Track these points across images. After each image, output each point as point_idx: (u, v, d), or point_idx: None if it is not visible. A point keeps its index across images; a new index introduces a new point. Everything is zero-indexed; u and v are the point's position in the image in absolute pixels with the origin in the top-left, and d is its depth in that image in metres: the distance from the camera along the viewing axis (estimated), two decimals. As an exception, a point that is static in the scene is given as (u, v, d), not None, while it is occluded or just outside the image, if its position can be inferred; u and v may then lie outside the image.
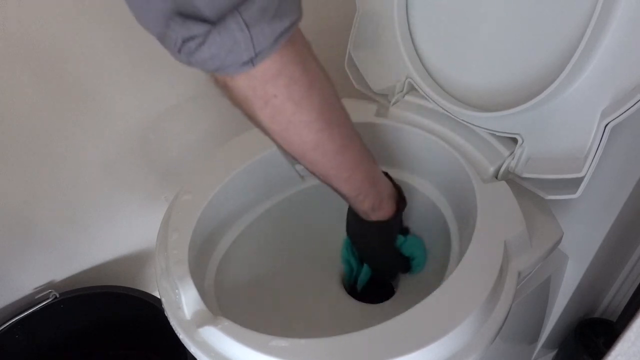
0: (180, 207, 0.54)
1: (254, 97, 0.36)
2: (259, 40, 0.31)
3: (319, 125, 0.39)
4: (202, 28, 0.30)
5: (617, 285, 0.77)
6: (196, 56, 0.31)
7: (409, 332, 0.40)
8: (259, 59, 0.32)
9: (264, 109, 0.36)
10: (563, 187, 0.52)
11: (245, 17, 0.30)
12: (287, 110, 0.37)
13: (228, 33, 0.30)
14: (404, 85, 0.65)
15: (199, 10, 0.30)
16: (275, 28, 0.32)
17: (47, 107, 0.67)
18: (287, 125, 0.38)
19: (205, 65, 0.32)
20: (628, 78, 0.44)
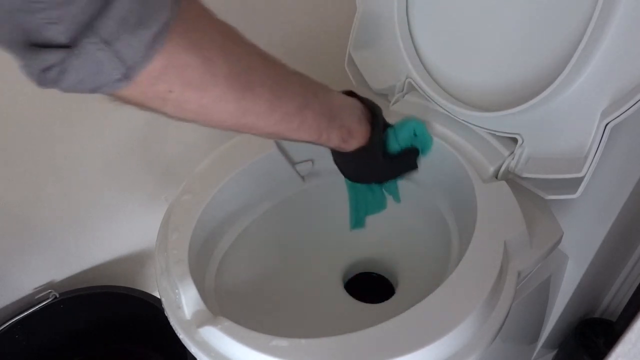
0: (180, 207, 0.54)
1: (148, 100, 0.33)
2: (127, 54, 0.28)
3: (235, 94, 0.36)
4: (57, 56, 0.27)
5: (617, 285, 0.77)
6: (62, 84, 0.29)
7: (409, 332, 0.40)
8: (133, 71, 0.29)
9: (165, 106, 0.34)
10: (563, 187, 0.52)
11: (102, 33, 0.27)
12: (191, 97, 0.34)
13: (87, 56, 0.27)
14: (404, 85, 0.65)
15: (52, 38, 0.27)
16: (143, 36, 0.28)
17: (47, 107, 0.67)
18: (200, 109, 0.35)
19: (78, 90, 0.30)
20: (628, 78, 0.44)
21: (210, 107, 0.35)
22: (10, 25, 0.27)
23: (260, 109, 0.38)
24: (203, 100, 0.34)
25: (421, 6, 0.60)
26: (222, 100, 0.35)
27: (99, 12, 0.26)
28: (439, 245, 0.59)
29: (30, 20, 0.26)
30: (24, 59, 0.29)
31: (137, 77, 0.30)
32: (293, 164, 0.63)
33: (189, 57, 0.32)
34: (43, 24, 0.26)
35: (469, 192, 0.53)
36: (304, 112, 0.43)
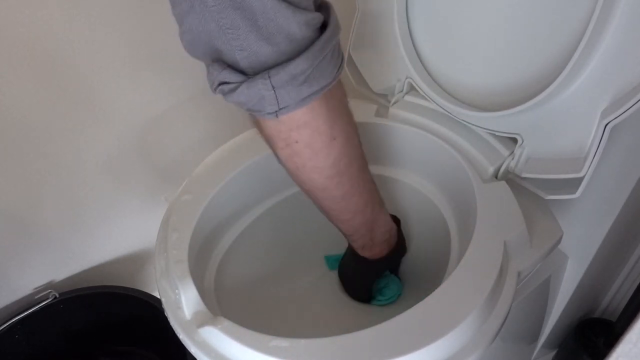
0: (180, 207, 0.54)
1: (277, 137, 0.39)
2: (284, 99, 0.35)
3: (330, 172, 0.42)
4: (235, 78, 0.34)
5: (617, 285, 0.77)
6: (228, 98, 0.36)
7: (409, 332, 0.40)
8: (282, 112, 0.36)
9: (285, 149, 0.40)
10: (563, 187, 0.52)
11: (273, 80, 0.33)
12: (305, 155, 0.40)
13: (255, 89, 0.34)
14: (403, 85, 0.65)
15: (238, 62, 0.34)
16: (302, 91, 0.35)
17: (47, 107, 0.67)
18: (302, 167, 0.42)
19: (238, 105, 0.36)
20: (628, 78, 0.44)
21: (308, 170, 0.42)
22: (208, 46, 0.34)
23: (336, 194, 0.45)
24: (310, 162, 0.41)
25: (421, 6, 0.60)
26: (318, 172, 0.42)
27: (280, 63, 0.33)
28: (439, 245, 0.59)
29: (224, 44, 0.33)
30: (209, 70, 0.36)
31: (282, 117, 0.36)
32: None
33: (323, 126, 0.39)
34: (234, 49, 0.33)
35: (469, 192, 0.53)
36: (359, 213, 0.49)
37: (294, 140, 0.39)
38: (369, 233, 0.53)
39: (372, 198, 0.50)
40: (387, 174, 0.66)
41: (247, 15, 0.31)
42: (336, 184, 0.44)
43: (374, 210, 0.51)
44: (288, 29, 0.32)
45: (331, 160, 0.41)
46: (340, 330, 0.41)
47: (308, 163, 0.41)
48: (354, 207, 0.48)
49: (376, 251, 0.56)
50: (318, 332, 0.41)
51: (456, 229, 0.57)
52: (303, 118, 0.37)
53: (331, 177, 0.43)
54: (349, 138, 0.42)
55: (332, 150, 0.41)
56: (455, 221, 0.58)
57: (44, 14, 0.60)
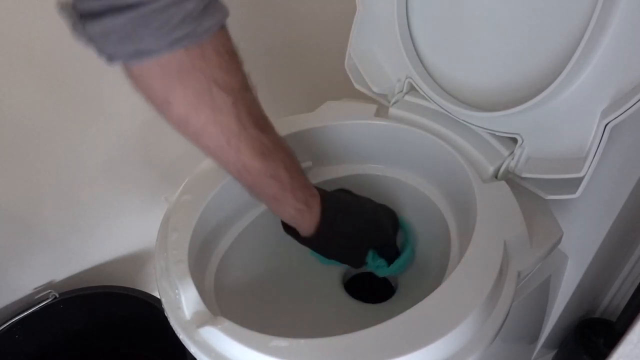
0: (180, 207, 0.54)
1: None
2: (106, 50, 0.36)
3: (181, 134, 0.43)
4: (72, 16, 0.35)
5: (617, 285, 0.77)
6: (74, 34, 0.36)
7: (409, 332, 0.40)
8: (114, 61, 0.37)
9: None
10: (563, 187, 0.52)
11: (88, 29, 0.34)
12: (149, 101, 0.42)
13: (78, 32, 0.36)
14: (403, 85, 0.65)
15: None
16: (122, 48, 0.35)
17: (47, 107, 0.67)
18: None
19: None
20: (628, 78, 0.44)
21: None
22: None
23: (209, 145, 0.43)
24: (157, 111, 0.40)
25: (421, 6, 0.60)
26: (171, 124, 0.42)
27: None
28: (439, 245, 0.59)
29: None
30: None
31: (116, 63, 0.36)
32: (293, 164, 0.63)
33: (156, 86, 0.39)
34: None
35: (468, 192, 0.53)
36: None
37: (134, 85, 0.40)
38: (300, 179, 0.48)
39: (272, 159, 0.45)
40: (387, 174, 0.66)
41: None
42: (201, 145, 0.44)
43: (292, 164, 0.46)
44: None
45: (174, 122, 0.43)
46: (340, 330, 0.41)
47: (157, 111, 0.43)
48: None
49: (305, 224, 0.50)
50: (318, 332, 0.41)
51: (456, 229, 0.57)
52: (134, 70, 0.38)
53: (187, 138, 0.44)
54: (195, 111, 0.41)
55: (172, 113, 0.42)
56: (455, 221, 0.58)
57: (44, 13, 0.60)
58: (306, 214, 0.49)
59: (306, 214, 0.49)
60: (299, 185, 0.48)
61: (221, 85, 0.38)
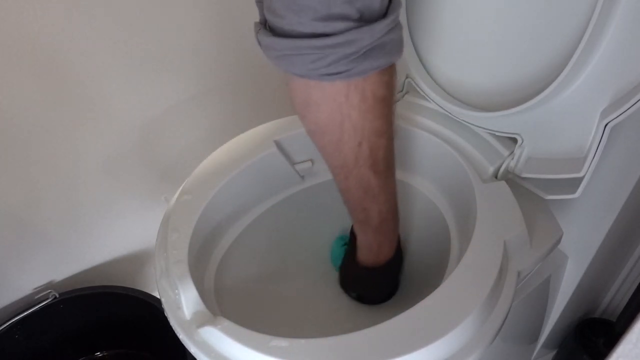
0: (180, 207, 0.54)
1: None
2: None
3: (355, 155, 0.43)
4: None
5: (617, 285, 0.77)
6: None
7: (409, 332, 0.40)
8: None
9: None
10: (563, 187, 0.52)
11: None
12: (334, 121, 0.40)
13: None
14: (403, 85, 0.65)
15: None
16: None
17: (47, 107, 0.67)
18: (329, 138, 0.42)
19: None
20: (628, 78, 0.44)
21: (336, 146, 0.42)
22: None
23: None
24: (338, 132, 0.41)
25: (421, 6, 0.60)
26: (347, 147, 0.42)
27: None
28: (439, 245, 0.59)
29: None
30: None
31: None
32: (293, 163, 0.63)
33: (358, 100, 0.38)
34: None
35: (468, 192, 0.53)
36: (395, 196, 0.50)
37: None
38: (394, 222, 0.53)
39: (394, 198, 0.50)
40: (387, 174, 0.66)
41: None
42: (359, 174, 0.44)
43: (391, 213, 0.51)
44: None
45: (357, 140, 0.41)
46: (340, 330, 0.41)
47: (337, 132, 0.41)
48: (393, 187, 0.49)
49: (392, 248, 0.55)
50: (318, 332, 0.41)
51: (456, 229, 0.57)
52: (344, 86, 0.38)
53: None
54: (380, 122, 0.42)
55: (365, 127, 0.41)
56: (455, 221, 0.58)
57: (44, 14, 0.60)
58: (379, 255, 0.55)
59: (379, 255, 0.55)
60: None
61: (353, 123, 0.40)
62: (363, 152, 0.42)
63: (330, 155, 0.44)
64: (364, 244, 0.55)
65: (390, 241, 0.54)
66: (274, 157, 0.61)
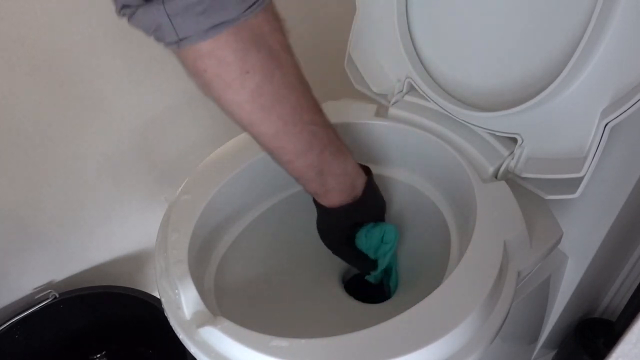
0: (180, 207, 0.54)
1: (185, 65, 0.39)
2: (183, 30, 0.35)
3: (250, 108, 0.41)
4: (134, 1, 0.34)
5: (617, 285, 0.77)
6: (130, 22, 0.36)
7: (409, 332, 0.40)
8: (184, 43, 0.36)
9: (195, 77, 0.40)
10: (563, 187, 0.52)
11: (167, 7, 0.33)
12: (216, 86, 0.40)
13: (150, 15, 0.34)
14: (403, 85, 0.65)
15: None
16: (201, 22, 0.34)
17: (47, 107, 0.67)
18: (219, 99, 0.41)
19: (143, 31, 0.36)
20: (628, 78, 0.44)
21: (227, 102, 0.41)
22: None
23: (264, 131, 0.44)
24: (224, 93, 0.40)
25: (421, 6, 0.60)
26: (237, 106, 0.41)
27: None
28: (438, 245, 0.59)
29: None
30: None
31: (185, 47, 0.36)
32: (293, 164, 0.63)
33: (232, 57, 0.38)
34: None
35: (468, 192, 0.53)
36: (302, 156, 0.47)
37: (201, 69, 0.38)
38: (319, 178, 0.50)
39: (318, 141, 0.47)
40: (387, 174, 0.66)
41: None
42: (262, 121, 0.43)
43: (323, 154, 0.48)
44: None
45: (247, 94, 0.40)
46: (340, 330, 0.41)
47: (223, 95, 0.41)
48: (292, 148, 0.46)
49: (332, 199, 0.52)
50: (318, 332, 0.41)
51: (456, 229, 0.57)
52: (205, 48, 0.36)
53: (253, 112, 0.42)
54: (271, 74, 0.40)
55: (247, 83, 0.39)
56: (455, 221, 0.58)
57: (44, 14, 0.60)
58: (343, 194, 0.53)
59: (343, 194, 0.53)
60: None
61: (283, 46, 0.41)
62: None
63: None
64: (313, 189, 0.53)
65: (313, 192, 0.52)
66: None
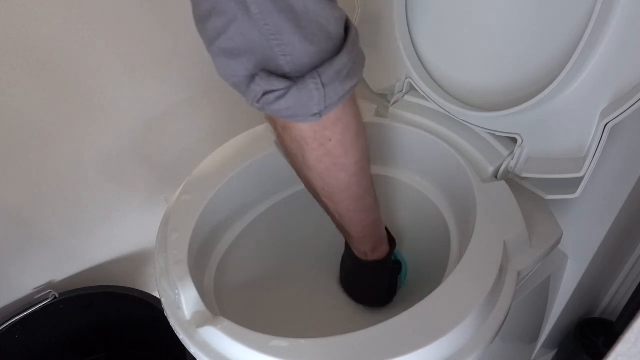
0: (180, 207, 0.54)
1: (312, 139, 0.39)
2: (331, 96, 0.35)
3: (355, 169, 0.43)
4: (283, 84, 0.33)
5: (617, 285, 0.77)
6: (273, 106, 0.35)
7: (409, 332, 0.40)
8: (326, 111, 0.36)
9: (317, 150, 0.40)
10: (563, 187, 0.52)
11: (323, 78, 0.34)
12: (336, 152, 0.40)
13: (306, 91, 0.34)
14: (403, 85, 0.65)
15: (281, 68, 0.33)
16: (346, 86, 0.36)
17: (47, 107, 0.67)
18: (331, 166, 0.42)
19: (278, 113, 0.36)
20: (628, 78, 0.44)
21: (337, 167, 0.42)
22: (250, 56, 0.33)
23: (357, 191, 0.45)
24: (340, 159, 0.41)
25: (421, 6, 0.60)
26: (346, 169, 0.42)
27: (324, 61, 0.34)
28: (438, 245, 0.59)
29: (268, 51, 0.32)
30: (254, 81, 0.34)
31: (325, 115, 0.36)
32: (293, 164, 0.63)
33: (352, 121, 0.40)
34: (278, 55, 0.33)
35: (468, 192, 0.53)
36: (373, 211, 0.50)
37: (327, 139, 0.39)
38: (378, 231, 0.53)
39: (375, 194, 0.50)
40: (387, 174, 0.66)
41: (290, 17, 0.31)
42: (358, 181, 0.44)
43: (378, 206, 0.51)
44: (327, 27, 0.33)
45: (358, 155, 0.42)
46: (340, 330, 0.41)
47: (338, 161, 0.41)
48: (370, 204, 0.48)
49: (383, 249, 0.55)
50: (318, 332, 0.41)
51: (456, 229, 0.57)
52: (337, 114, 0.38)
53: (356, 173, 0.43)
54: (365, 132, 0.43)
55: (359, 145, 0.42)
56: (455, 221, 0.58)
57: (44, 14, 0.60)
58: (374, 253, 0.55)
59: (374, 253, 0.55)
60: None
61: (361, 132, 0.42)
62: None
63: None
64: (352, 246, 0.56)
65: (371, 248, 0.55)
66: (274, 156, 0.61)
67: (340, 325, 0.57)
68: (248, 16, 0.31)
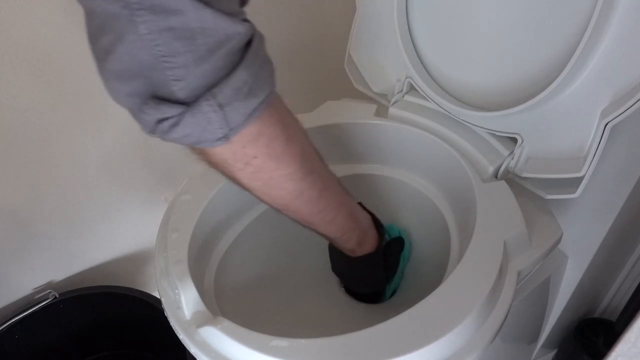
0: (180, 207, 0.54)
1: (233, 160, 0.36)
2: (233, 117, 0.32)
3: (299, 174, 0.40)
4: (175, 110, 0.30)
5: (617, 285, 0.77)
6: (170, 135, 0.32)
7: (409, 332, 0.40)
8: (233, 132, 0.32)
9: (244, 169, 0.37)
10: (563, 186, 0.52)
11: (219, 98, 0.30)
12: (268, 167, 0.37)
13: (201, 115, 0.30)
14: (403, 85, 0.65)
15: (173, 93, 0.30)
16: (250, 104, 0.32)
17: (47, 107, 0.67)
18: (269, 180, 0.39)
19: (179, 141, 0.33)
20: (628, 78, 0.44)
21: (277, 180, 0.39)
22: (140, 79, 0.30)
23: (312, 194, 0.42)
24: (276, 172, 0.38)
25: (421, 6, 0.60)
26: (288, 178, 0.39)
27: (220, 79, 0.30)
28: (439, 245, 0.59)
29: (159, 75, 0.29)
30: (143, 110, 0.31)
31: (234, 137, 0.33)
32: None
33: (277, 130, 0.36)
34: (170, 80, 0.29)
35: (468, 192, 0.53)
36: (340, 207, 0.47)
37: (251, 157, 0.35)
38: (357, 224, 0.50)
39: (344, 188, 0.48)
40: (387, 174, 0.66)
41: (183, 36, 0.28)
42: (309, 184, 0.41)
43: (349, 198, 0.49)
44: (227, 44, 0.29)
45: (297, 160, 0.39)
46: (340, 330, 0.41)
47: (275, 174, 0.38)
48: (333, 201, 0.46)
49: (371, 241, 0.53)
50: (318, 332, 0.41)
51: (456, 229, 0.57)
52: (254, 130, 0.34)
53: (302, 178, 0.40)
54: (301, 135, 0.40)
55: (295, 149, 0.38)
56: (455, 221, 0.58)
57: (44, 13, 0.60)
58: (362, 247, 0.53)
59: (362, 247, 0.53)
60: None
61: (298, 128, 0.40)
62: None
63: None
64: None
65: (357, 243, 0.52)
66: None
67: (340, 325, 0.57)
68: (137, 35, 0.27)
